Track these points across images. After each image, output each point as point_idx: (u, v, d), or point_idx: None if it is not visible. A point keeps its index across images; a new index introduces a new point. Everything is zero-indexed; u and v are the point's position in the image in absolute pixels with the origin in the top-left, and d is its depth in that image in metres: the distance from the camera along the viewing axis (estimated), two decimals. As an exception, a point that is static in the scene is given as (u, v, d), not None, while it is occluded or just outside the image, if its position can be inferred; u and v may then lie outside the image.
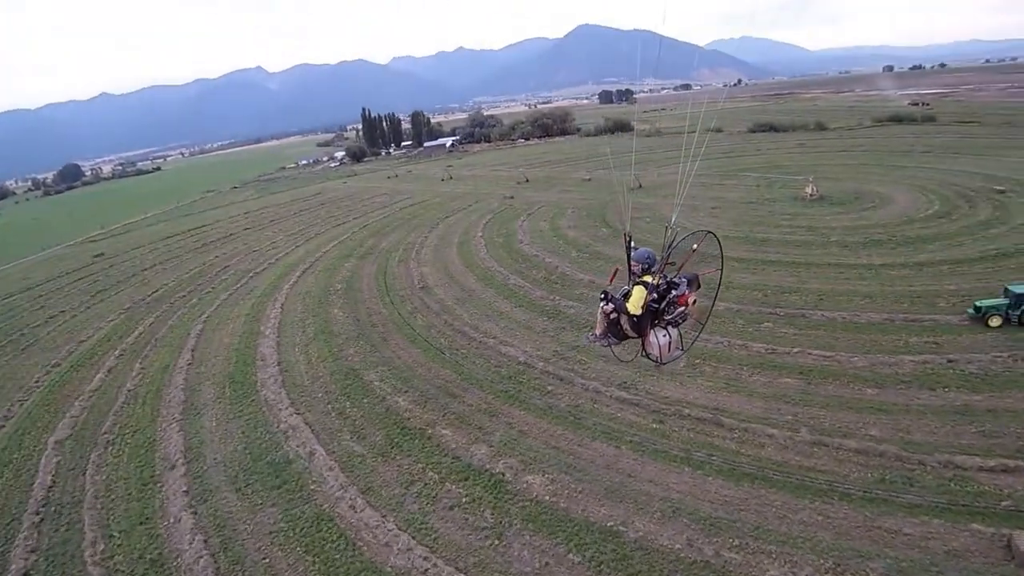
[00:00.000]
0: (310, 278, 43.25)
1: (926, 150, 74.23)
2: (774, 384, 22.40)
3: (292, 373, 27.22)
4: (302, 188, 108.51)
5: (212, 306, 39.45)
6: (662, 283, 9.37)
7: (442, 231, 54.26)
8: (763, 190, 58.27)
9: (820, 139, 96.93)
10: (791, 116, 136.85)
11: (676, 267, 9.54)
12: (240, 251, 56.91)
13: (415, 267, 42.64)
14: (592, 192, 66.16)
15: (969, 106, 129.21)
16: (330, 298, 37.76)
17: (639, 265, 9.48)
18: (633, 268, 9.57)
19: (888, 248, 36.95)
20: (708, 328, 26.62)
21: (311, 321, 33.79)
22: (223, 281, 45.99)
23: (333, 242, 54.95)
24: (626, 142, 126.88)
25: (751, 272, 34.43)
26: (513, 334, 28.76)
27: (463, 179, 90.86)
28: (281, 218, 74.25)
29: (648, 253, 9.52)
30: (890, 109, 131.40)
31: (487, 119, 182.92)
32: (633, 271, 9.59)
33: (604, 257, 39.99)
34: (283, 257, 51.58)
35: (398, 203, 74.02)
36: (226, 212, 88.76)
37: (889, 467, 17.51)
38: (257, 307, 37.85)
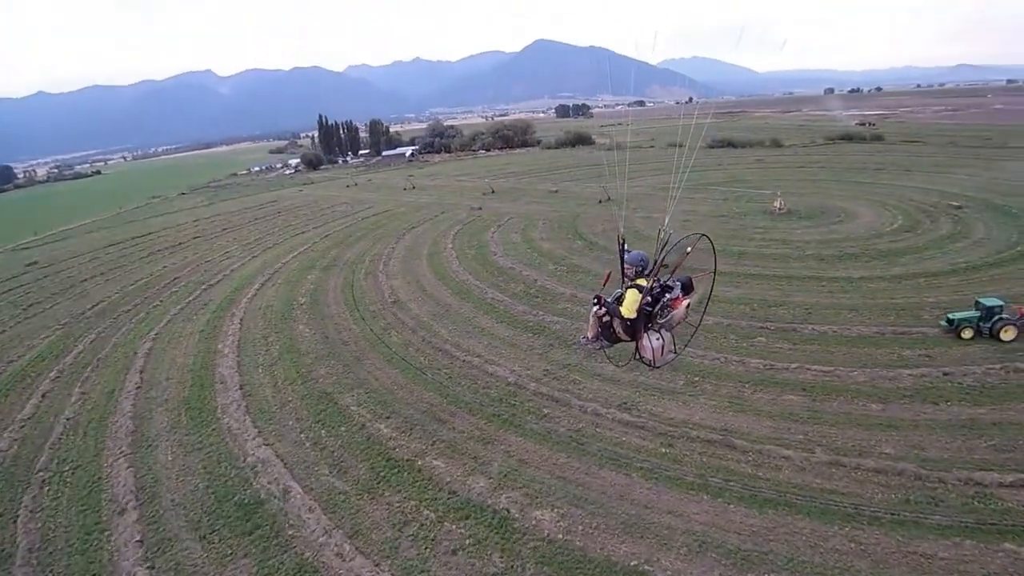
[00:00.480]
0: (270, 291, 40.27)
1: (879, 167, 77.20)
2: (779, 402, 21.51)
3: (257, 397, 24.49)
4: (256, 195, 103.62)
5: (162, 321, 35.97)
6: (656, 286, 9.28)
7: (410, 242, 52.06)
8: (732, 204, 58.81)
9: (777, 155, 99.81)
10: (746, 133, 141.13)
11: (670, 270, 9.44)
12: (191, 261, 53.00)
13: (384, 280, 40.33)
14: (560, 204, 65.36)
15: (911, 127, 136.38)
16: (294, 313, 35.03)
17: (633, 268, 9.42)
18: (627, 271, 9.49)
19: (863, 261, 37.34)
20: (702, 344, 26.04)
21: (275, 338, 31.02)
22: (173, 294, 42.32)
23: (293, 252, 51.87)
24: (586, 155, 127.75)
25: (734, 285, 33.93)
26: (498, 352, 26.98)
27: (426, 189, 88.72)
28: (235, 226, 70.12)
29: (642, 256, 9.46)
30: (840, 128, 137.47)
31: (447, 129, 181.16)
32: (627, 274, 9.49)
33: (582, 270, 38.87)
34: (239, 268, 48.18)
35: (360, 212, 71.22)
36: (174, 219, 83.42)
37: (911, 487, 16.85)
38: (213, 323, 34.68)
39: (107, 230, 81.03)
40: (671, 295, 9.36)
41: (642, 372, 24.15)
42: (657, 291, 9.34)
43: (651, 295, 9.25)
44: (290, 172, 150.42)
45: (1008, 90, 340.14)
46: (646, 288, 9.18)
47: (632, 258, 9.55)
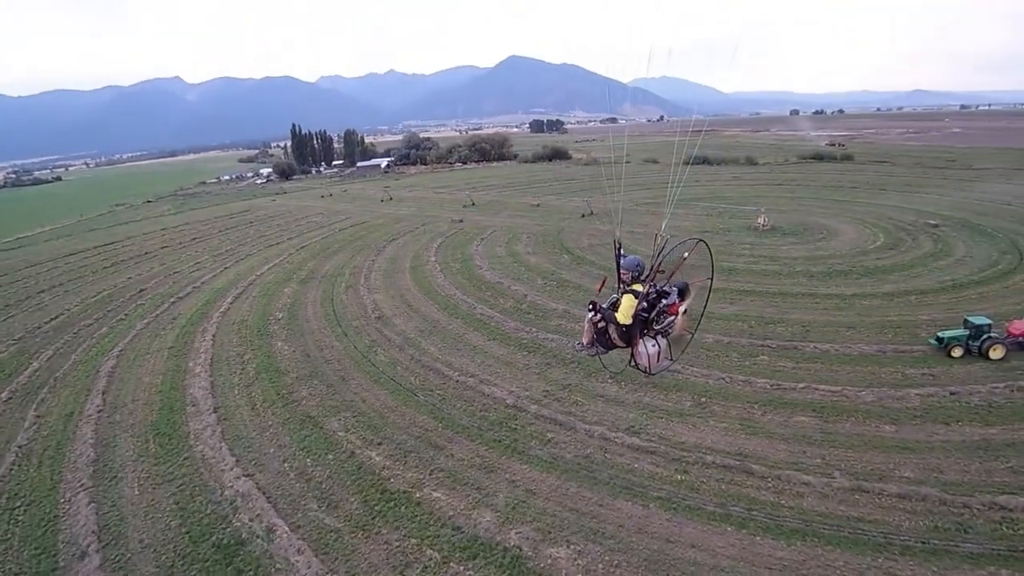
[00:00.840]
0: (244, 305, 38.11)
1: (854, 186, 78.88)
2: (791, 424, 20.69)
3: (233, 422, 22.49)
4: (227, 204, 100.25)
5: (127, 337, 33.49)
6: (652, 292, 9.15)
7: (391, 254, 50.40)
8: (715, 220, 58.91)
9: (753, 173, 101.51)
10: (719, 151, 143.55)
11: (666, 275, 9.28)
12: (158, 272, 50.23)
13: (366, 294, 38.60)
14: (543, 218, 64.58)
15: (878, 148, 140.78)
16: (271, 328, 33.02)
17: (629, 273, 9.27)
18: (623, 276, 9.33)
19: (853, 278, 37.33)
20: (705, 362, 25.18)
21: (251, 356, 28.97)
22: (139, 307, 39.71)
23: (268, 264, 49.64)
24: (564, 169, 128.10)
25: (729, 302, 33.40)
26: (493, 371, 25.60)
27: (405, 201, 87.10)
28: (204, 236, 67.25)
29: (638, 261, 9.32)
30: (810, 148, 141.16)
31: (423, 141, 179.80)
32: (623, 279, 9.34)
33: (572, 285, 37.88)
34: (210, 280, 45.75)
35: (336, 223, 69.19)
36: (139, 228, 79.74)
37: (937, 512, 16.23)
38: (183, 339, 32.41)
39: (68, 238, 76.93)
40: (667, 301, 9.20)
41: (647, 392, 23.22)
42: (653, 297, 9.17)
43: (647, 301, 9.09)
44: (262, 182, 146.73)
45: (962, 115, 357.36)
46: (642, 294, 9.02)
47: (628, 263, 9.33)
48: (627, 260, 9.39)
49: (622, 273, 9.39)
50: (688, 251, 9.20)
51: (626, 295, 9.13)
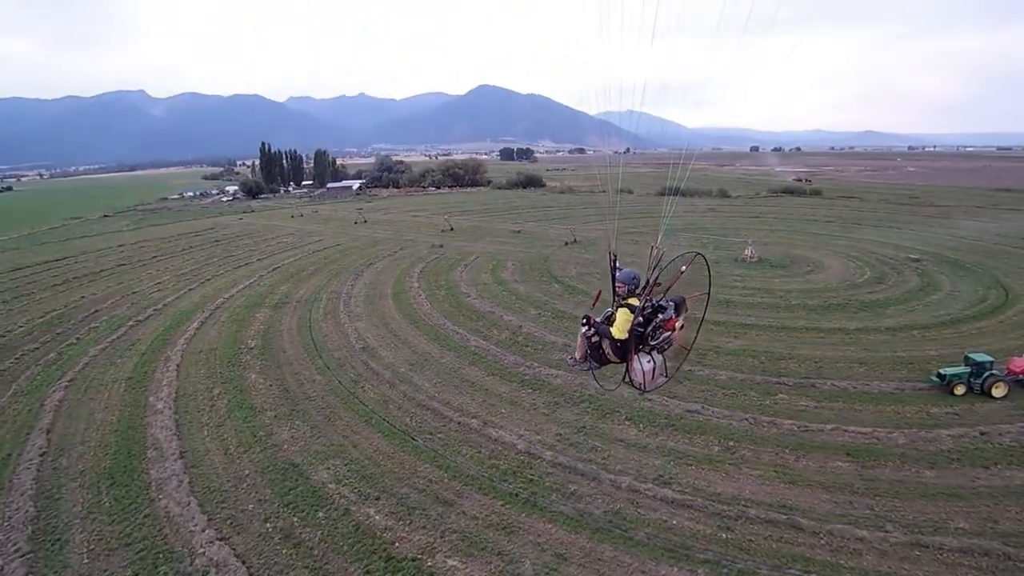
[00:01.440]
0: (212, 331, 34.86)
1: (829, 220, 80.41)
2: (827, 470, 19.11)
3: (203, 469, 19.41)
4: (190, 221, 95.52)
5: (78, 364, 29.85)
6: (648, 306, 8.92)
7: (370, 279, 47.76)
8: (704, 252, 58.23)
9: (728, 205, 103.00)
10: (690, 183, 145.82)
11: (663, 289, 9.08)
12: (115, 292, 46.22)
13: (347, 322, 35.90)
14: (526, 245, 63.06)
15: (842, 184, 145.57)
16: (243, 359, 29.96)
17: (625, 286, 9.02)
18: (618, 289, 9.08)
19: (851, 312, 36.74)
20: (724, 401, 23.44)
21: (222, 390, 25.88)
22: (93, 331, 35.93)
23: (237, 286, 46.30)
24: (540, 197, 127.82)
25: (733, 336, 32.20)
26: (497, 411, 23.31)
27: (379, 223, 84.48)
28: (167, 254, 63.09)
29: (634, 274, 9.11)
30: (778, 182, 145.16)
31: (396, 164, 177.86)
32: (618, 292, 9.09)
33: (568, 316, 35.98)
34: (173, 302, 42.18)
35: (309, 245, 66.09)
36: (94, 243, 74.66)
37: (1003, 569, 14.98)
38: (143, 368, 29.01)
39: (14, 252, 71.32)
40: (664, 316, 8.93)
41: (669, 435, 21.32)
42: (649, 311, 8.90)
43: (643, 315, 8.82)
44: (227, 199, 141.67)
45: (912, 155, 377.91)
46: (638, 308, 8.77)
47: (624, 276, 9.08)
48: (623, 273, 9.11)
49: (618, 286, 9.07)
50: (685, 265, 8.93)
51: (621, 309, 8.85)
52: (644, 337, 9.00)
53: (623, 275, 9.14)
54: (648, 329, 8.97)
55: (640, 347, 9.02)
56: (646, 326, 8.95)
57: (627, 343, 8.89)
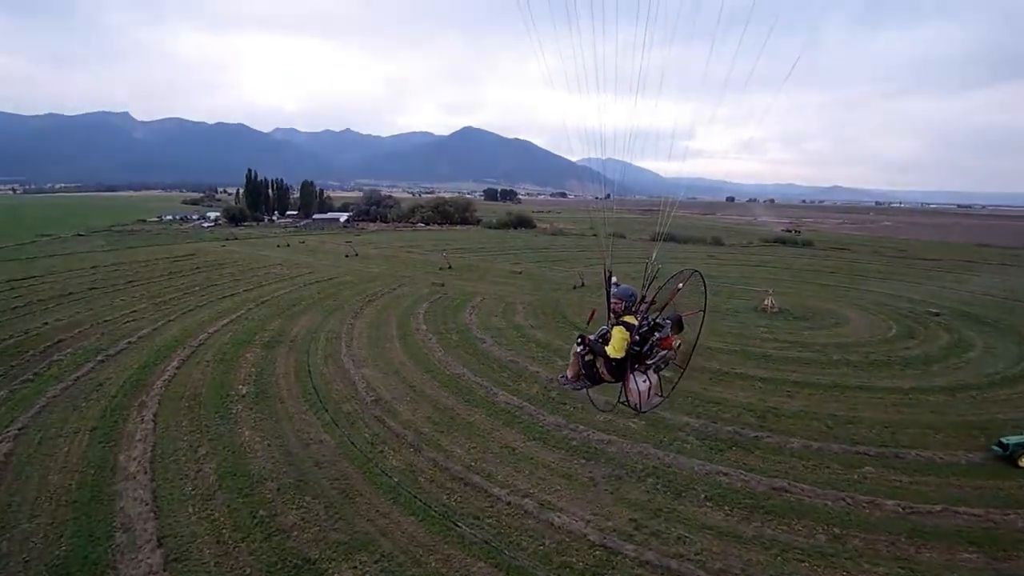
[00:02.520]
0: (195, 372, 30.41)
1: (831, 271, 79.65)
2: (956, 564, 16.15)
3: (189, 564, 14.92)
4: (169, 245, 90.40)
5: (32, 407, 25.12)
6: (644, 324, 8.64)
7: (371, 318, 43.83)
8: (717, 299, 55.99)
9: (726, 253, 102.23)
10: (679, 230, 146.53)
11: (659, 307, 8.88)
12: (83, 320, 41.34)
13: (352, 367, 31.83)
14: (532, 287, 60.00)
15: (826, 235, 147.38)
16: (233, 409, 25.62)
17: (622, 303, 8.82)
18: (615, 306, 8.89)
19: (897, 369, 34.30)
20: (808, 475, 19.93)
21: (209, 450, 21.53)
22: (55, 364, 31.12)
23: (223, 319, 41.89)
24: (532, 238, 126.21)
25: (787, 395, 29.22)
26: (551, 488, 19.43)
27: (372, 258, 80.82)
28: (143, 279, 58.18)
29: (631, 291, 8.92)
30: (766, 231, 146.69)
31: (385, 199, 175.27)
32: (614, 309, 8.89)
33: None
34: (149, 335, 37.57)
35: (300, 277, 61.93)
36: (64, 263, 69.13)
37: None
38: (112, 416, 24.45)
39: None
40: (660, 334, 8.67)
41: (759, 518, 17.63)
42: (645, 329, 8.59)
43: (639, 334, 8.52)
44: (209, 225, 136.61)
45: (882, 210, 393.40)
46: (635, 326, 8.54)
47: (622, 292, 8.87)
48: (620, 289, 8.96)
49: (614, 303, 8.91)
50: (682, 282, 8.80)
51: (617, 327, 8.63)
52: (641, 356, 8.68)
53: (620, 291, 8.89)
54: (645, 348, 8.64)
55: (636, 366, 8.72)
56: (643, 344, 8.62)
57: (623, 362, 8.61)
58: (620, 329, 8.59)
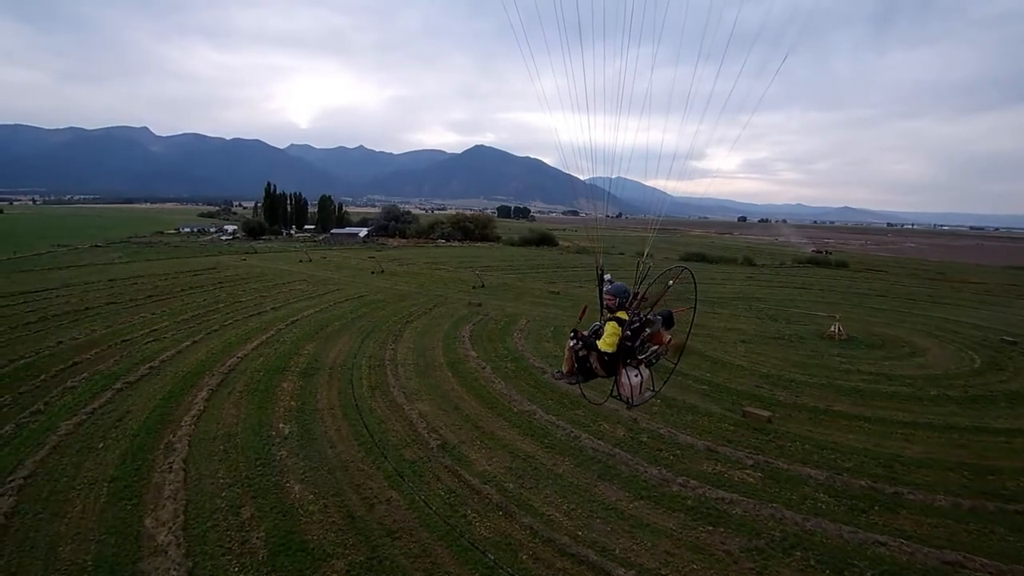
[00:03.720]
0: (228, 406, 26.57)
1: (880, 294, 75.35)
2: None
3: None
4: (188, 259, 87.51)
5: (41, 449, 21.34)
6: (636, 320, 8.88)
7: (413, 342, 39.92)
8: (776, 324, 51.99)
9: (763, 274, 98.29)
10: (709, 249, 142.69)
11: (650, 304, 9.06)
12: (100, 338, 37.85)
13: (404, 401, 27.87)
14: (576, 309, 56.00)
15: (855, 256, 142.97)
16: (277, 455, 21.68)
17: (615, 299, 9.08)
18: (608, 302, 9.17)
19: (1004, 408, 30.25)
20: (982, 547, 14.03)
21: (254, 513, 17.51)
22: (69, 392, 27.38)
23: (251, 341, 38.17)
24: (558, 256, 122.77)
25: (904, 439, 25.08)
26: (684, 567, 15.10)
27: (398, 275, 77.30)
28: (163, 294, 54.84)
29: (624, 287, 9.20)
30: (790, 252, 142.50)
31: (403, 214, 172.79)
32: (608, 305, 9.18)
33: (694, 409, 28.35)
34: (173, 358, 33.88)
35: (328, 295, 58.37)
36: (81, 275, 66.16)
37: None
38: (135, 462, 20.64)
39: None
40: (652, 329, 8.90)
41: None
42: (637, 325, 8.84)
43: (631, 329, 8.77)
44: (227, 238, 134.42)
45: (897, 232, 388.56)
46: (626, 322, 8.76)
47: (615, 289, 9.16)
48: (614, 286, 9.15)
49: (607, 299, 9.12)
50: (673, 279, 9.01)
51: (609, 322, 8.78)
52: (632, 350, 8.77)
53: (613, 288, 9.11)
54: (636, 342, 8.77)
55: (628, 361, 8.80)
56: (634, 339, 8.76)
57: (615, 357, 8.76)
58: (612, 324, 8.67)
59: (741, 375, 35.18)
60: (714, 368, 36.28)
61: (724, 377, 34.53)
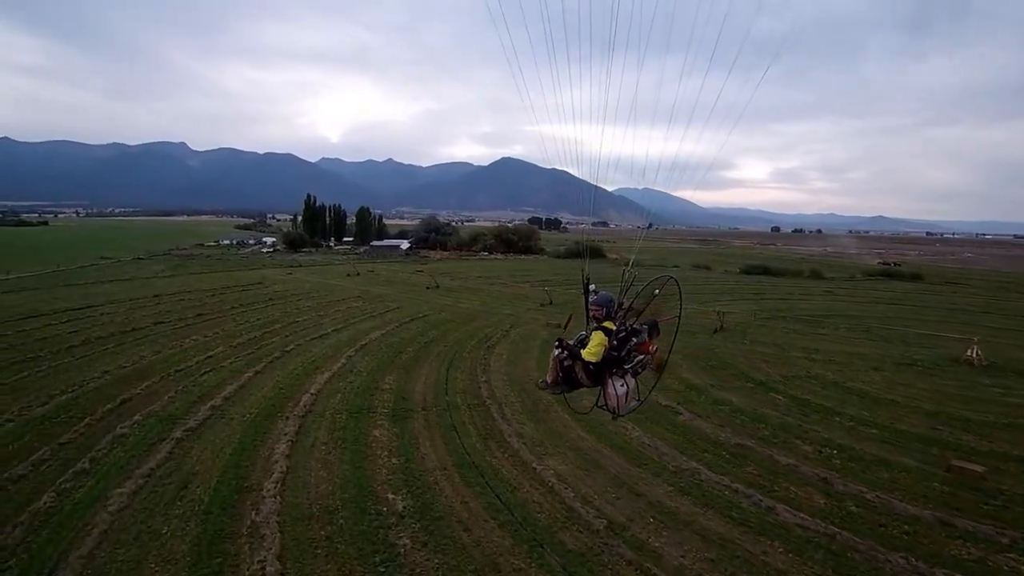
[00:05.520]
0: (314, 463, 21.11)
1: (984, 310, 67.80)
2: None
3: None
4: (233, 272, 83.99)
5: (88, 535, 16.14)
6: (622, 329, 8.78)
7: (504, 371, 34.28)
8: (894, 347, 45.54)
9: (840, 288, 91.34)
10: (769, 261, 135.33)
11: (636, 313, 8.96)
12: (151, 366, 33.18)
13: (531, 456, 22.13)
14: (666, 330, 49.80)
15: (918, 268, 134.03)
16: (398, 545, 15.96)
17: (601, 309, 8.92)
18: (594, 312, 8.99)
19: None
20: None
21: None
22: (119, 443, 22.25)
23: (321, 372, 32.95)
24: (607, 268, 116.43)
25: None
26: None
27: (455, 291, 72.11)
28: (214, 312, 50.41)
29: (610, 297, 9.07)
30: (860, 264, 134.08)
31: (443, 225, 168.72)
32: (594, 315, 8.98)
33: (886, 463, 22.29)
34: (237, 395, 28.75)
35: (388, 313, 53.31)
36: (127, 289, 62.68)
37: None
38: (211, 555, 15.20)
39: (32, 293, 59.57)
40: (638, 339, 8.74)
41: None
42: (623, 334, 8.68)
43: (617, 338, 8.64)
44: (267, 250, 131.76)
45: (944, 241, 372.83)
46: (613, 331, 8.67)
47: (602, 299, 8.96)
48: (600, 296, 8.96)
49: (593, 309, 8.93)
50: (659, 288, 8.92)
51: (596, 332, 8.64)
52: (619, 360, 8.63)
53: (599, 298, 8.92)
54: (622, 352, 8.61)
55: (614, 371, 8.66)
56: (620, 349, 8.59)
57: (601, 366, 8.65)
58: (599, 334, 8.52)
59: (903, 413, 29.01)
60: (868, 405, 30.12)
61: (886, 416, 28.40)
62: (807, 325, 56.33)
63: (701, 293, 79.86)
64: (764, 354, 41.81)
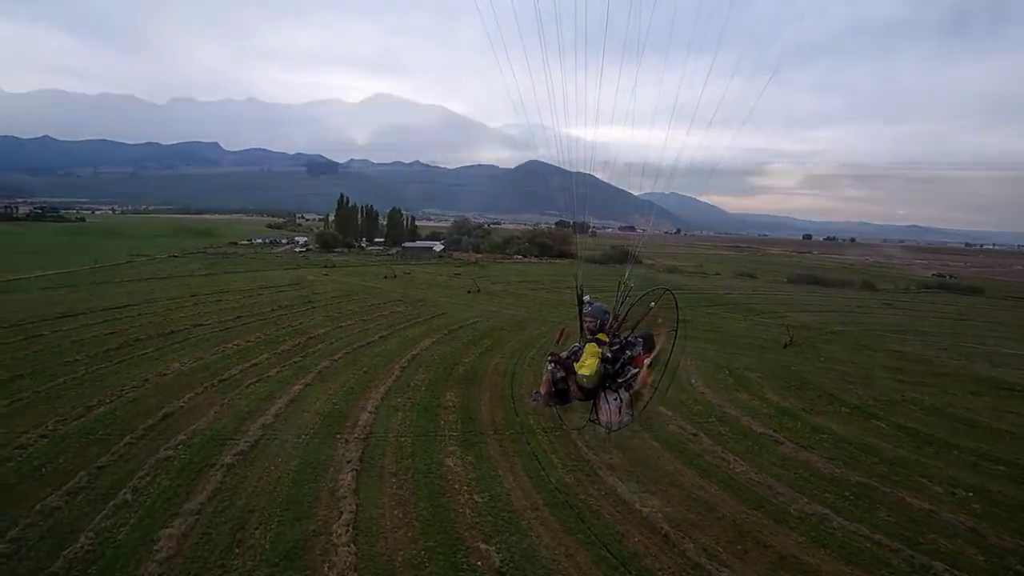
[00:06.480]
0: (389, 503, 18.33)
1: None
2: None
3: None
4: (267, 272, 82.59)
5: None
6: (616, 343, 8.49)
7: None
8: (982, 368, 41.78)
9: (899, 300, 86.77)
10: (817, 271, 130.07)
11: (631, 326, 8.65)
12: (193, 373, 31.08)
13: (626, 492, 19.32)
14: (721, 341, 46.92)
15: (995, 282, 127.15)
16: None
17: (595, 320, 8.60)
18: (588, 324, 8.66)
19: None
20: None
21: None
22: (163, 468, 19.83)
23: (377, 386, 30.35)
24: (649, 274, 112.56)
25: None
26: None
27: (497, 295, 69.54)
28: (254, 316, 48.38)
29: (604, 308, 8.78)
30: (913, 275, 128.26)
31: (476, 228, 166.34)
32: (588, 327, 8.65)
33: (1004, 502, 18.71)
34: (289, 410, 26.30)
35: (434, 319, 50.80)
36: (163, 288, 61.39)
37: None
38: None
39: (69, 290, 58.54)
40: (632, 352, 8.34)
41: None
42: (617, 348, 8.36)
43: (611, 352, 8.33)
44: (300, 250, 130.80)
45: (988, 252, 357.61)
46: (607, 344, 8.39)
47: (596, 310, 8.61)
48: (594, 308, 8.65)
49: (588, 321, 8.58)
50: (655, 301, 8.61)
51: (590, 344, 8.31)
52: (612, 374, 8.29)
53: (594, 310, 8.65)
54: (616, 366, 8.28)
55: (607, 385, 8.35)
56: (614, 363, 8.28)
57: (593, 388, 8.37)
58: (592, 347, 8.27)
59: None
60: (983, 436, 27.09)
61: (1008, 451, 25.57)
62: (877, 340, 52.33)
63: (754, 303, 76.00)
64: (845, 373, 38.17)
